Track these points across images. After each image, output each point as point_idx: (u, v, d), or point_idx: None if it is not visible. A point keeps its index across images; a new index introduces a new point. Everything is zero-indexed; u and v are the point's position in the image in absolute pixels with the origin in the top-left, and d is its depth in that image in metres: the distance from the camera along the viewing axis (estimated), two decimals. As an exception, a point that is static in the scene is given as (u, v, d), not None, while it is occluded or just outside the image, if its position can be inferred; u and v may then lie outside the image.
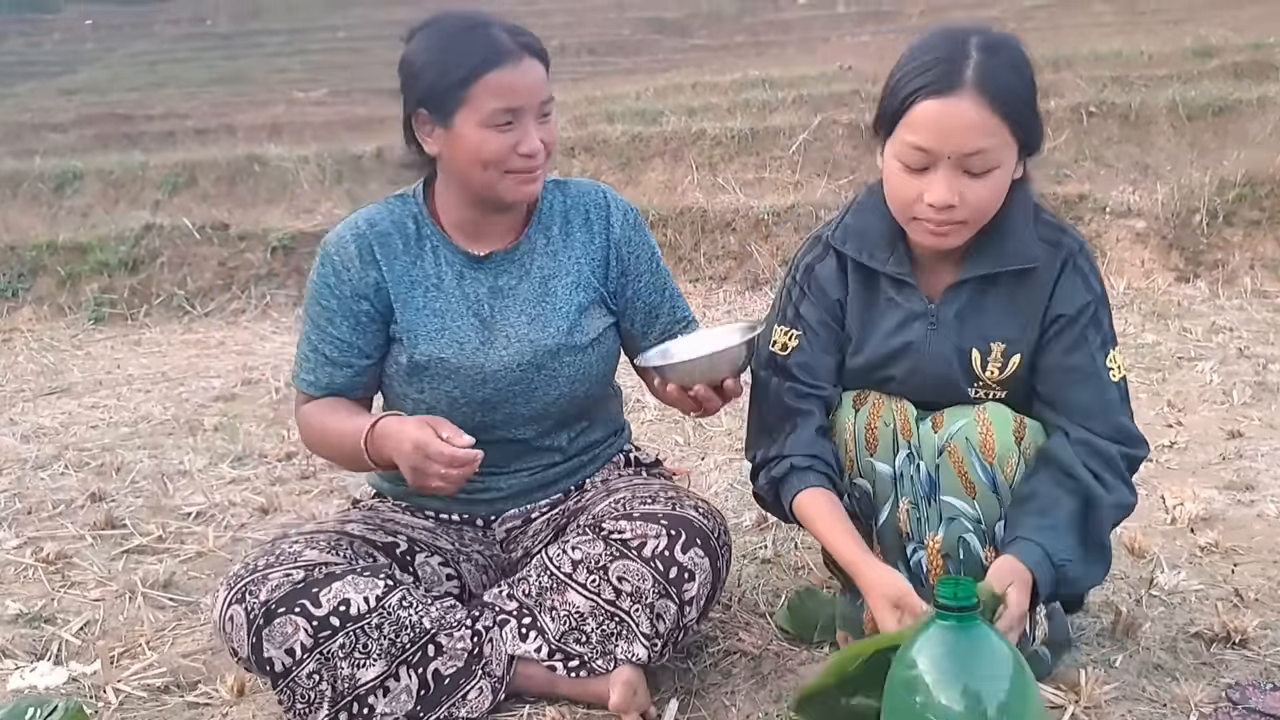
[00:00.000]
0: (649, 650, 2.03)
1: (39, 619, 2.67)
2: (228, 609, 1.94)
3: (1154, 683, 2.10)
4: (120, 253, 7.41)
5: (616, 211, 2.28)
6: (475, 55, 2.00)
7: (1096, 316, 2.04)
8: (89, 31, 22.70)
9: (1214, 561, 2.67)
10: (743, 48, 16.66)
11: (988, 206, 1.94)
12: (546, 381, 2.18)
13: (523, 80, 2.02)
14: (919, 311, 2.08)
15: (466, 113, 2.01)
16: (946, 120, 1.86)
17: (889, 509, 2.11)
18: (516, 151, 2.03)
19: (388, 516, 2.26)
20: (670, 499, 2.11)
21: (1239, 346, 4.85)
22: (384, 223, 2.19)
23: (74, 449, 4.16)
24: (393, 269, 2.16)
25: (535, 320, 2.18)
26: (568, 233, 2.25)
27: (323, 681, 1.94)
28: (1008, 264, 2.03)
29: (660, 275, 2.32)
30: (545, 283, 2.21)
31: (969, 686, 1.33)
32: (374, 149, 8.96)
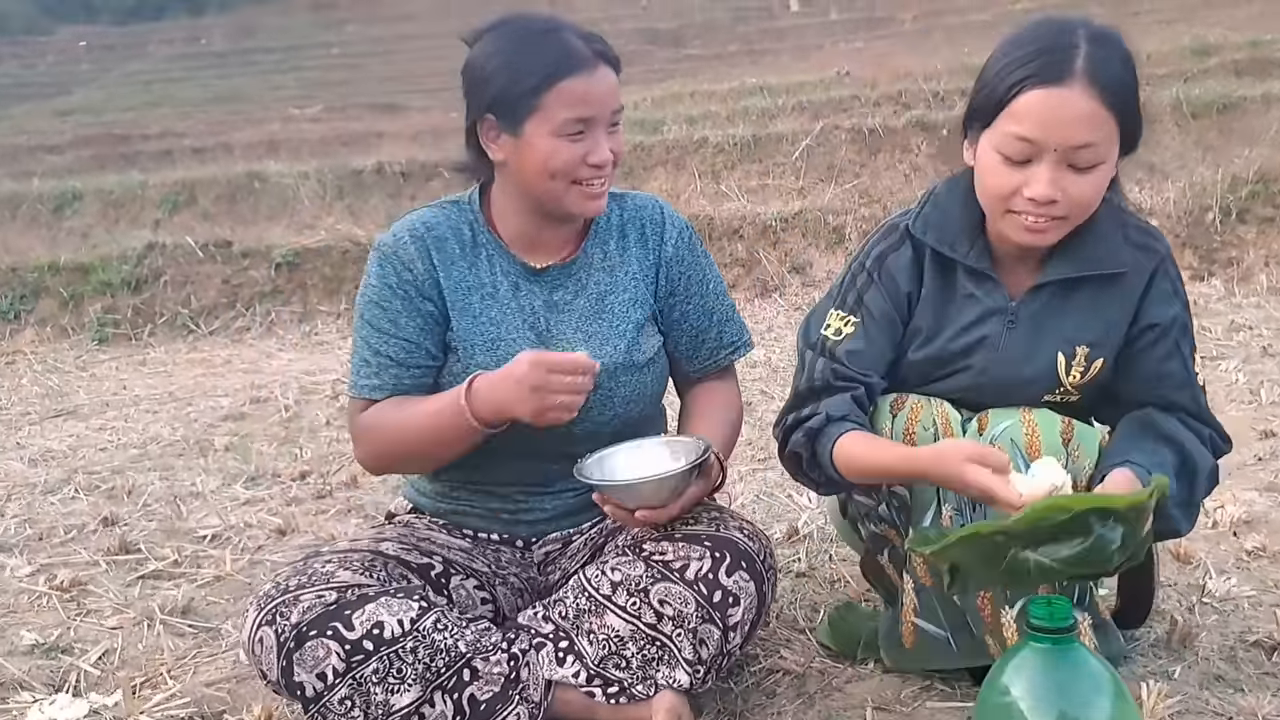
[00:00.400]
0: (691, 676, 1.96)
1: (55, 649, 2.59)
2: (257, 630, 1.86)
3: (1217, 695, 2.03)
4: (123, 272, 7.36)
5: (671, 229, 2.22)
6: (549, 62, 1.94)
7: (1186, 326, 2.01)
8: (83, 53, 22.68)
9: (1263, 566, 2.60)
10: (737, 56, 16.68)
11: (1089, 203, 1.88)
12: (602, 401, 2.10)
13: (596, 89, 1.96)
14: (998, 308, 2.01)
15: (538, 121, 1.95)
16: (1055, 111, 1.79)
17: (930, 517, 2.01)
18: (586, 162, 1.98)
19: (424, 535, 2.18)
20: (714, 519, 2.04)
21: (1262, 345, 4.79)
22: (440, 226, 2.12)
23: (83, 472, 4.09)
24: (449, 274, 2.10)
25: (592, 338, 2.12)
26: (624, 247, 2.19)
27: (355, 708, 1.86)
28: (1095, 268, 1.97)
29: (710, 299, 2.24)
30: (602, 299, 2.15)
31: (1067, 712, 1.26)
32: (374, 164, 8.91)
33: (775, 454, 2.23)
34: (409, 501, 2.34)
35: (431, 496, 2.26)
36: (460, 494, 2.22)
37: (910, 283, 2.05)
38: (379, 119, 13.10)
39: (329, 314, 7.28)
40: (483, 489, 2.20)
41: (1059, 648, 1.30)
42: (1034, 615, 1.30)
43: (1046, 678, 1.30)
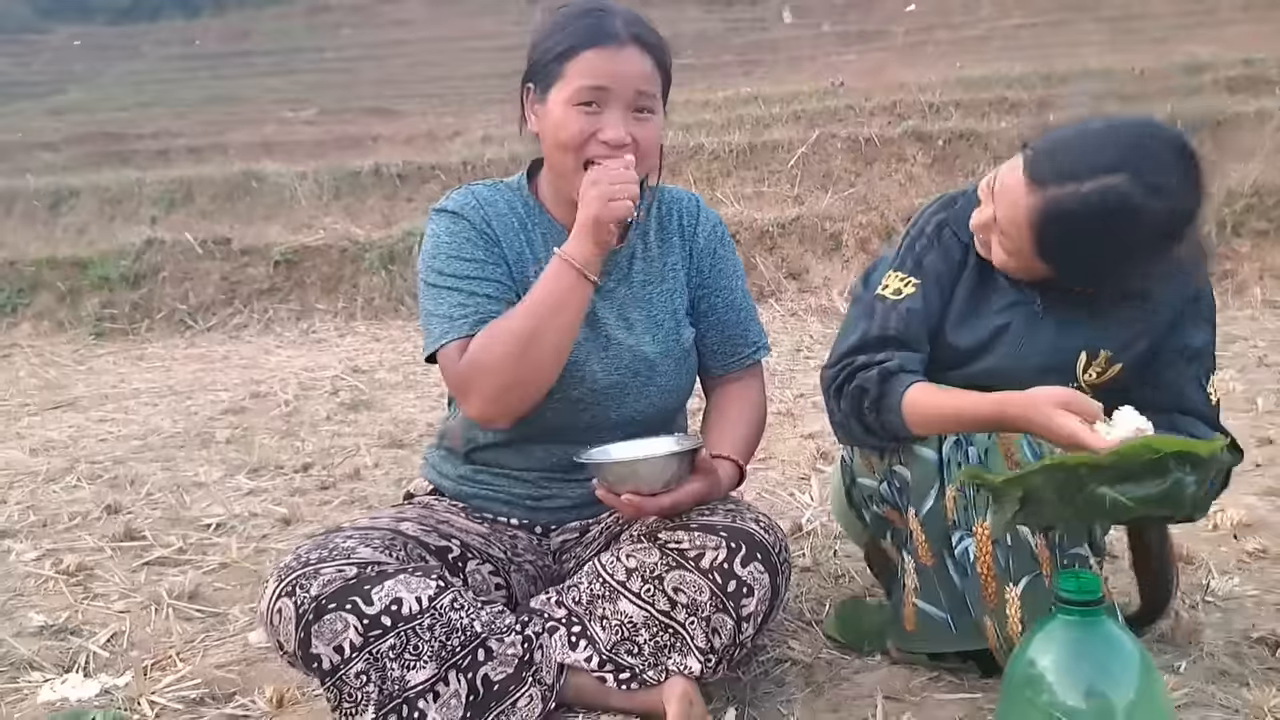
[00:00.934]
0: (703, 664, 1.96)
1: (64, 631, 2.59)
2: (277, 601, 1.86)
3: (1223, 689, 2.05)
4: (121, 268, 7.36)
5: (705, 222, 2.25)
6: (579, 31, 1.97)
7: (1211, 353, 2.07)
8: (78, 52, 22.61)
9: (1264, 567, 2.63)
10: (730, 67, 16.71)
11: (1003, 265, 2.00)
12: (640, 388, 2.13)
13: (615, 63, 1.96)
14: (1025, 299, 2.05)
15: (559, 88, 1.98)
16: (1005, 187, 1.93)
17: (934, 498, 2.03)
18: (598, 138, 1.97)
19: (443, 518, 2.18)
20: (729, 511, 2.05)
21: (1257, 355, 4.83)
22: (497, 201, 2.15)
23: (85, 462, 4.10)
24: (510, 246, 2.12)
25: (633, 327, 2.15)
26: (663, 238, 2.22)
27: (370, 683, 1.86)
28: None
29: (737, 294, 2.26)
30: (644, 288, 2.18)
31: (1095, 685, 1.28)
32: (371, 165, 8.92)
33: (775, 452, 2.27)
34: (429, 483, 2.33)
35: (454, 480, 2.26)
36: (484, 478, 2.23)
37: (961, 252, 2.11)
38: (374, 122, 13.11)
39: (326, 312, 7.28)
40: (510, 474, 2.21)
41: (1087, 620, 1.31)
42: (1063, 588, 1.32)
43: (1074, 650, 1.31)
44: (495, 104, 14.09)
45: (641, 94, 1.99)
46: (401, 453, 4.13)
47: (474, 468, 2.24)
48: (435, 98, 14.77)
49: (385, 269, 7.31)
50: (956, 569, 2.00)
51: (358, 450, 4.14)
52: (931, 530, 2.05)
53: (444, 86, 15.50)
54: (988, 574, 1.95)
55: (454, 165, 8.81)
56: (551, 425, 2.06)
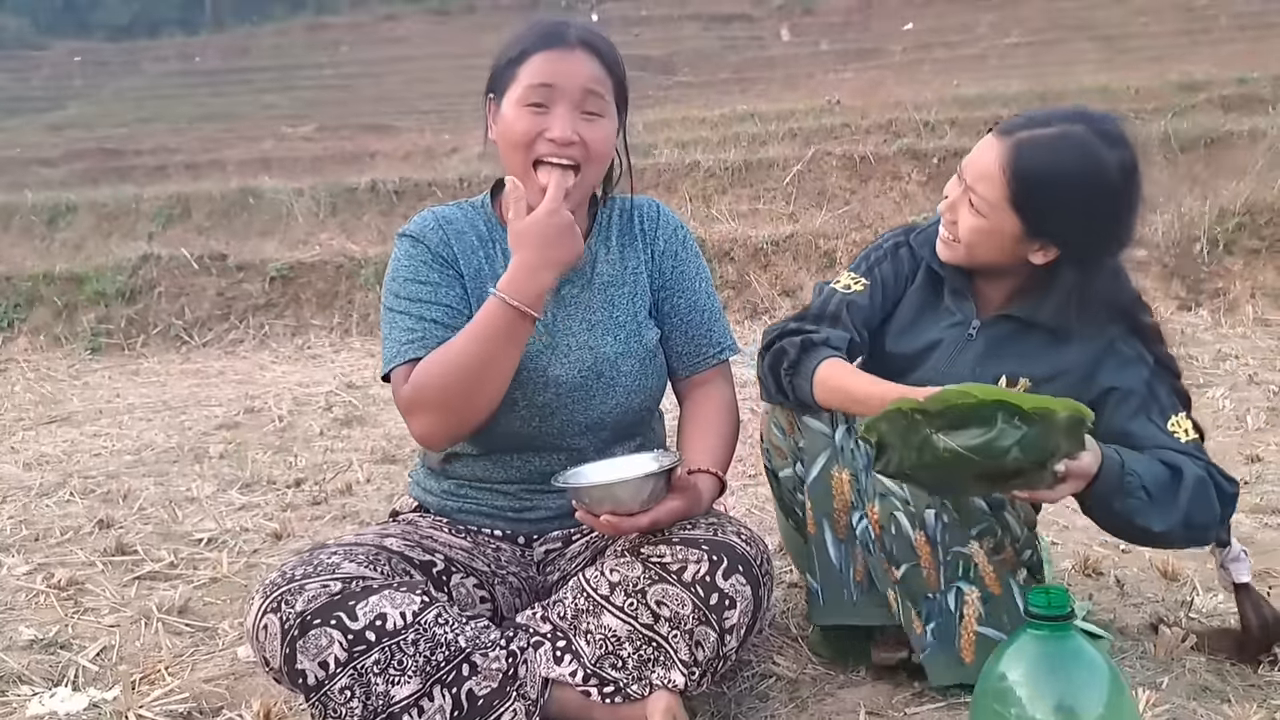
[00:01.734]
0: (687, 678, 1.97)
1: (54, 644, 2.60)
2: (262, 617, 1.88)
3: (1205, 705, 2.06)
4: (117, 283, 7.37)
5: (666, 225, 2.29)
6: (532, 39, 2.05)
7: (1150, 385, 2.10)
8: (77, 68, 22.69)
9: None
10: (727, 84, 16.77)
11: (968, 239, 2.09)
12: (605, 389, 2.16)
13: (563, 64, 2.02)
14: (963, 321, 2.20)
15: (510, 92, 2.05)
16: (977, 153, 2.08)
17: (820, 467, 2.15)
18: (544, 135, 2.02)
19: (426, 533, 2.21)
20: (711, 525, 2.06)
21: (1248, 373, 4.85)
22: (458, 220, 2.20)
23: (79, 476, 4.10)
24: (469, 263, 2.16)
25: (595, 327, 2.18)
26: (624, 243, 2.26)
27: (354, 698, 1.87)
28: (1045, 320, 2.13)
29: (700, 296, 2.28)
30: (606, 290, 2.21)
31: (1064, 699, 1.29)
32: (368, 181, 8.95)
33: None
34: (414, 500, 2.36)
35: (438, 495, 2.29)
36: (466, 491, 2.25)
37: (912, 270, 2.28)
38: (371, 139, 13.15)
39: (322, 328, 7.30)
40: (489, 487, 2.23)
41: (1056, 635, 1.33)
42: (1033, 603, 1.33)
43: (1044, 664, 1.32)
44: (493, 121, 14.05)
45: (589, 94, 2.04)
46: (394, 468, 4.14)
47: (455, 482, 2.27)
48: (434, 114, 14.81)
49: (381, 285, 7.32)
50: (859, 543, 2.13)
51: (350, 465, 4.15)
52: (816, 498, 2.17)
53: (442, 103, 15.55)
54: (883, 550, 2.11)
55: (450, 181, 8.83)
56: (523, 433, 2.10)
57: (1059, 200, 1.99)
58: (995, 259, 2.11)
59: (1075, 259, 2.06)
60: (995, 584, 2.08)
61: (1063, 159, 1.98)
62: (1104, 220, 2.02)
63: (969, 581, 2.08)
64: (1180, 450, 2.05)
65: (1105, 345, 2.11)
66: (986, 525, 2.09)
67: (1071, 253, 2.06)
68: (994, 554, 2.09)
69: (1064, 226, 2.02)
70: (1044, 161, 1.98)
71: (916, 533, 2.08)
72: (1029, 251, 2.07)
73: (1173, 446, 2.05)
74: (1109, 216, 2.02)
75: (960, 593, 2.09)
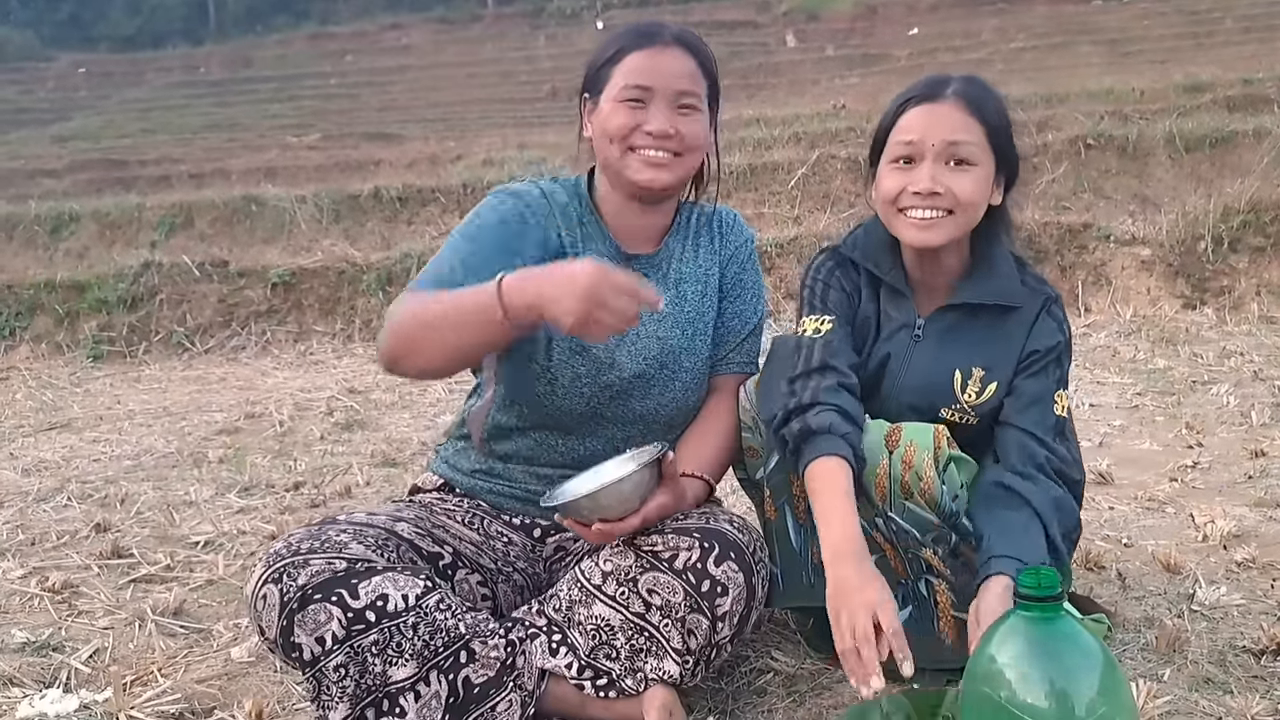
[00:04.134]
0: (680, 666, 1.95)
1: (47, 647, 2.58)
2: (262, 587, 1.86)
3: (1206, 696, 2.03)
4: (119, 290, 7.38)
5: (739, 234, 2.34)
6: (628, 39, 2.12)
7: (1060, 358, 2.16)
8: (82, 80, 22.77)
9: (1253, 577, 2.61)
10: (734, 90, 16.76)
11: (967, 198, 2.05)
12: (666, 380, 2.19)
13: (658, 62, 2.09)
14: (907, 323, 2.20)
15: (608, 89, 2.11)
16: (932, 118, 2.06)
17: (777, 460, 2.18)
18: (642, 129, 2.07)
19: (440, 521, 2.19)
20: (703, 514, 2.05)
21: (1253, 370, 4.82)
22: (560, 194, 2.24)
23: (76, 481, 4.09)
24: (560, 235, 2.19)
25: (664, 320, 2.20)
26: (699, 245, 2.30)
27: (348, 677, 1.85)
28: (995, 299, 2.15)
29: (748, 307, 2.32)
30: (679, 286, 2.25)
31: (1056, 682, 1.27)
32: (371, 189, 8.95)
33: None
34: (439, 477, 2.33)
35: (467, 474, 2.28)
36: (502, 470, 2.25)
37: (853, 289, 2.26)
38: (376, 147, 13.18)
39: (324, 334, 7.29)
40: (529, 469, 2.23)
41: (1046, 617, 1.30)
42: (1023, 584, 1.31)
43: (1035, 646, 1.30)
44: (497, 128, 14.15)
45: (684, 92, 2.10)
46: (394, 471, 4.12)
47: (497, 461, 2.25)
48: (439, 122, 14.84)
49: (383, 291, 7.31)
50: (795, 529, 2.17)
51: (350, 469, 4.14)
52: (775, 486, 2.21)
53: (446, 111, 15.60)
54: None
55: (454, 188, 8.83)
56: (580, 411, 2.13)
57: (1007, 130, 2.09)
58: (979, 215, 2.11)
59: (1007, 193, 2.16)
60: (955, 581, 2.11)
61: (991, 96, 2.11)
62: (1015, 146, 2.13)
63: (934, 576, 2.12)
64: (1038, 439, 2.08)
65: (1041, 306, 2.16)
66: (937, 534, 2.08)
67: (1009, 182, 2.15)
68: (951, 558, 2.09)
69: (1011, 155, 2.12)
70: (987, 100, 2.09)
71: (874, 533, 2.11)
72: (992, 195, 2.12)
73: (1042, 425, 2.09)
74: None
75: (930, 583, 2.12)
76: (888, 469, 2.03)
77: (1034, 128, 8.93)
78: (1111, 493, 3.37)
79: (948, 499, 2.02)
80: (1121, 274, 6.50)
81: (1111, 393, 4.76)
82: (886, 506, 2.06)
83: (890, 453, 2.04)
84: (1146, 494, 3.31)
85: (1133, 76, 11.85)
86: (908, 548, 2.10)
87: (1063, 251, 6.83)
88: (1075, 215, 7.20)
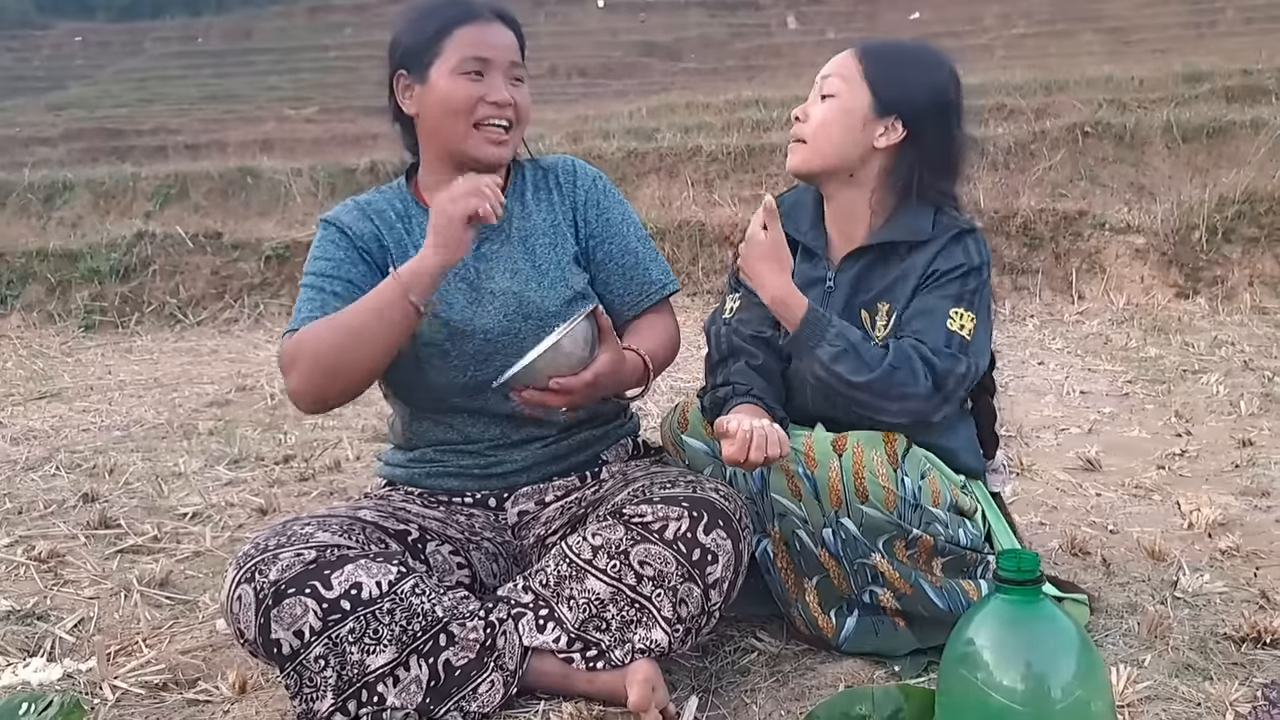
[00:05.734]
0: (670, 635, 1.96)
1: (31, 616, 2.58)
2: (236, 588, 1.87)
3: (1186, 682, 2.03)
4: (111, 261, 7.36)
5: (584, 177, 2.36)
6: (449, 13, 2.15)
7: (963, 278, 2.15)
8: (78, 48, 22.66)
9: (1236, 565, 2.62)
10: (733, 71, 16.76)
11: (815, 124, 2.18)
12: (534, 332, 2.18)
13: (493, 37, 2.15)
14: (819, 277, 2.27)
15: (440, 65, 2.13)
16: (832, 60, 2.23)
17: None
18: (485, 100, 2.12)
19: (399, 505, 2.21)
20: (690, 482, 2.06)
21: (1243, 359, 4.83)
22: (377, 201, 2.30)
23: (65, 451, 4.09)
24: (392, 235, 2.24)
25: (518, 275, 2.23)
26: (539, 199, 2.33)
27: (329, 667, 1.87)
28: (899, 237, 2.20)
29: (631, 239, 2.34)
30: (525, 242, 2.27)
31: (1033, 664, 1.27)
32: (367, 162, 8.93)
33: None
34: (383, 479, 2.38)
35: (405, 465, 2.31)
36: (431, 456, 2.28)
37: None
38: (373, 122, 13.10)
39: (317, 308, 7.27)
40: (454, 448, 2.27)
41: (1026, 600, 1.31)
42: (1003, 567, 1.31)
43: (1012, 629, 1.30)
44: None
45: (514, 64, 2.18)
46: (384, 446, 4.07)
47: (421, 450, 2.30)
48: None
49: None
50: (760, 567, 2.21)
51: (340, 443, 4.14)
52: None
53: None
54: (787, 569, 2.20)
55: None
56: (462, 383, 2.17)
57: (907, 75, 2.17)
58: (844, 147, 2.17)
59: (917, 143, 2.18)
60: (904, 585, 2.14)
61: (908, 49, 2.26)
62: (944, 102, 2.18)
63: (880, 585, 2.15)
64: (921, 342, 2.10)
65: (952, 236, 2.18)
66: (893, 533, 2.10)
67: (915, 130, 2.17)
68: (908, 548, 2.12)
69: (910, 98, 2.16)
70: (893, 48, 2.25)
71: (819, 549, 2.14)
72: (875, 134, 2.16)
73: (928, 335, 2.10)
74: (947, 100, 2.19)
75: (874, 594, 2.15)
76: (839, 471, 2.06)
77: (1032, 114, 8.92)
78: (1099, 479, 3.38)
79: (910, 489, 2.07)
80: (1116, 262, 6.50)
81: (1102, 380, 4.77)
82: (841, 512, 2.08)
83: (840, 455, 2.07)
84: (1134, 481, 3.32)
85: (1133, 65, 11.83)
86: (854, 558, 2.12)
87: (1058, 238, 6.83)
88: (1071, 202, 7.20)
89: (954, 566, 2.17)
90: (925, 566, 2.15)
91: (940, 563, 2.15)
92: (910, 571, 2.13)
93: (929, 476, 2.12)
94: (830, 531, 2.11)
